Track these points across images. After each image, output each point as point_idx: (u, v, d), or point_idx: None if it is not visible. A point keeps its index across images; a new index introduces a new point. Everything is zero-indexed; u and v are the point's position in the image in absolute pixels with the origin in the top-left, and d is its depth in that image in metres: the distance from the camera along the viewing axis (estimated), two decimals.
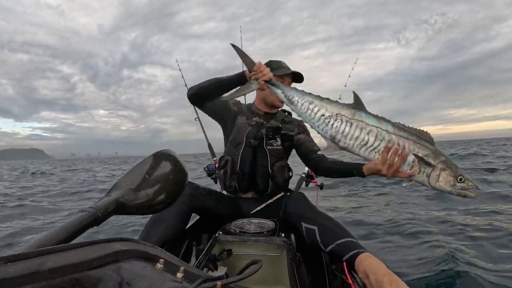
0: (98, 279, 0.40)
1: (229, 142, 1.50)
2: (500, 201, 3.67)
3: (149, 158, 0.84)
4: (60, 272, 0.37)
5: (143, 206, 0.71)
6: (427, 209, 3.44)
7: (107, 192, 0.69)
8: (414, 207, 3.66)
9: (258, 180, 1.45)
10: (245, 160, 1.44)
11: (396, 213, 3.37)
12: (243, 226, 1.23)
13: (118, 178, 0.75)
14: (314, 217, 1.19)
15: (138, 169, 0.79)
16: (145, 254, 0.48)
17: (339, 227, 1.14)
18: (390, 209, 3.66)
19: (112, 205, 0.64)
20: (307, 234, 1.17)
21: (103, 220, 0.61)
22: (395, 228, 2.80)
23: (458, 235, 2.46)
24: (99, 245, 0.45)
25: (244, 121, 1.49)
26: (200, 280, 0.44)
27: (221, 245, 1.14)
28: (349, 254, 1.00)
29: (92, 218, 0.58)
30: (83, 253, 0.41)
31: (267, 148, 1.44)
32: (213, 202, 1.41)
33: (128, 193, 0.69)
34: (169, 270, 0.47)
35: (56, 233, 0.50)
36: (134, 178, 0.75)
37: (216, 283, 0.43)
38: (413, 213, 3.30)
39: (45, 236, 0.49)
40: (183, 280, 0.46)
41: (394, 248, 2.30)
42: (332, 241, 1.07)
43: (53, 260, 0.37)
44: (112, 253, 0.44)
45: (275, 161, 1.46)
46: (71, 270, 0.38)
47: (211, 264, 1.05)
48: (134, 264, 0.46)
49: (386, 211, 3.55)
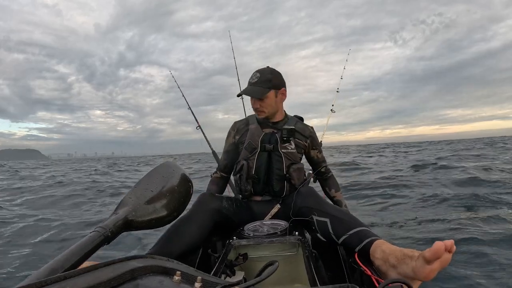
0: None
1: (243, 148, 1.52)
2: None
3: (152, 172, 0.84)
4: None
5: (151, 220, 0.72)
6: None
7: (114, 209, 0.69)
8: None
9: (273, 183, 1.47)
10: (260, 164, 1.47)
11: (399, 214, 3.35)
12: (256, 229, 1.23)
13: (124, 193, 0.76)
14: (325, 209, 1.18)
15: (143, 184, 0.79)
16: (161, 268, 0.48)
17: (351, 217, 1.14)
18: (395, 210, 3.64)
19: (120, 222, 0.64)
20: (319, 227, 1.16)
21: (113, 238, 0.62)
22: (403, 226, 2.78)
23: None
24: (114, 264, 0.45)
25: (257, 126, 1.53)
26: (218, 287, 0.43)
27: (236, 250, 1.14)
28: (363, 243, 0.99)
29: (102, 238, 0.58)
30: (100, 275, 0.41)
31: (282, 152, 1.46)
32: (232, 211, 1.42)
33: (135, 209, 0.69)
34: (187, 281, 0.47)
35: (69, 256, 0.50)
36: (140, 193, 0.75)
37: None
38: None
39: (58, 260, 0.49)
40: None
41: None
42: (345, 232, 1.07)
43: (71, 285, 0.37)
44: (128, 271, 0.44)
45: (291, 164, 1.48)
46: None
47: (228, 270, 1.04)
48: (151, 280, 0.46)
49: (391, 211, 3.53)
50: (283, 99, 1.54)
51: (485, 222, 2.74)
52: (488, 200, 3.60)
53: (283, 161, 1.46)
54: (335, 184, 1.68)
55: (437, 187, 4.90)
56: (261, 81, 1.45)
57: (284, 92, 1.52)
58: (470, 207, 3.40)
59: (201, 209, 1.27)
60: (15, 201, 5.62)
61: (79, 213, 4.43)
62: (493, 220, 2.78)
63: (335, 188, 1.66)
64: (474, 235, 2.38)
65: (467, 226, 2.64)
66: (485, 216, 2.90)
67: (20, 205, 5.24)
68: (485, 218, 2.83)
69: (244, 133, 1.56)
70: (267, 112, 1.49)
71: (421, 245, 2.34)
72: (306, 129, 1.57)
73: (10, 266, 2.34)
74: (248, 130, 1.54)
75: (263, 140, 1.48)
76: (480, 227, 2.60)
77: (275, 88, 1.47)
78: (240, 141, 1.56)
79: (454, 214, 3.16)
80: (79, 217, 4.02)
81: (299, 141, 1.53)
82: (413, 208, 3.63)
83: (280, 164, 1.46)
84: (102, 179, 9.61)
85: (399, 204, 3.92)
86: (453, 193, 4.11)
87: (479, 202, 3.55)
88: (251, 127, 1.54)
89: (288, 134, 1.45)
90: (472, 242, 2.25)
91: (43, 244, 2.91)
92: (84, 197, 5.97)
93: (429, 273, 0.76)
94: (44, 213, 4.35)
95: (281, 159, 1.46)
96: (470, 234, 2.41)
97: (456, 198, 3.78)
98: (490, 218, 2.83)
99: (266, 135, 1.49)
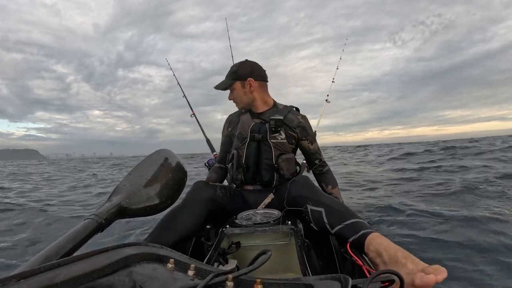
0: (111, 285, 0.41)
1: (235, 138, 1.54)
2: None
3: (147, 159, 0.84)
4: (72, 283, 0.37)
5: (146, 208, 0.72)
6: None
7: (108, 197, 0.69)
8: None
9: (262, 173, 1.48)
10: (250, 154, 1.49)
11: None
12: (249, 217, 1.24)
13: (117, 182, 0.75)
14: (320, 199, 1.18)
15: (137, 171, 0.79)
16: (155, 256, 0.49)
17: (346, 208, 1.14)
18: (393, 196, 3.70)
19: (114, 210, 0.64)
20: (313, 217, 1.16)
21: (107, 226, 0.62)
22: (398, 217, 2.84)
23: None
24: (108, 252, 0.45)
25: (248, 117, 1.55)
26: (211, 275, 0.44)
27: (229, 239, 1.15)
28: (358, 234, 1.00)
29: (96, 225, 0.58)
30: (94, 262, 0.41)
31: (271, 141, 1.47)
32: (226, 200, 1.42)
33: (129, 196, 0.69)
34: (180, 269, 0.47)
35: (63, 244, 0.50)
36: (134, 180, 0.75)
37: (228, 276, 0.44)
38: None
39: (52, 248, 0.49)
40: (195, 277, 0.46)
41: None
42: (340, 222, 1.07)
43: (65, 273, 0.37)
44: (122, 258, 0.44)
45: (280, 154, 1.48)
46: (83, 280, 0.38)
47: (221, 258, 1.05)
48: (145, 267, 0.46)
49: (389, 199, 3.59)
50: (252, 90, 1.51)
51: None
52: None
53: (272, 151, 1.47)
54: (332, 180, 1.65)
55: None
56: (229, 74, 1.55)
57: (251, 83, 1.50)
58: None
59: (195, 198, 1.28)
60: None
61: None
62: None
63: (332, 184, 1.64)
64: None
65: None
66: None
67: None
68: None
69: (236, 124, 1.58)
70: (240, 103, 1.55)
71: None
72: (295, 118, 1.55)
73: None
74: (239, 121, 1.56)
75: (252, 129, 1.49)
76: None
77: (240, 79, 1.50)
78: (232, 132, 1.59)
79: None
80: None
81: (288, 132, 1.53)
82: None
83: (269, 154, 1.47)
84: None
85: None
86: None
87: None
88: (243, 118, 1.56)
89: (276, 125, 1.45)
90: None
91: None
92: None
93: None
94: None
95: (270, 149, 1.47)
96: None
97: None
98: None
99: (256, 125, 1.50)
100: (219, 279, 0.44)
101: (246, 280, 0.45)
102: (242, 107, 1.57)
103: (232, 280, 0.43)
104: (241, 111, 1.62)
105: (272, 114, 1.52)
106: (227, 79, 1.54)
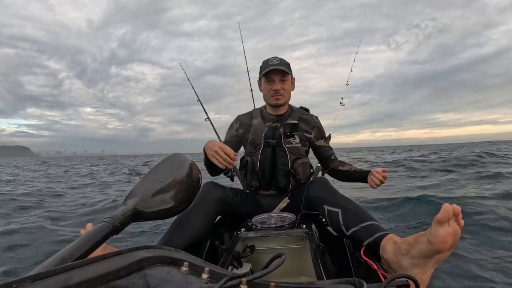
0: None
1: (248, 143, 1.52)
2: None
3: (162, 163, 0.85)
4: (87, 285, 0.37)
5: (160, 211, 0.72)
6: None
7: (123, 200, 0.70)
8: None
9: (278, 178, 1.46)
10: (264, 160, 1.46)
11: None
12: (264, 221, 1.23)
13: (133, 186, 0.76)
14: (337, 200, 1.17)
15: (152, 175, 0.80)
16: (169, 259, 0.49)
17: (362, 210, 1.13)
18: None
19: (129, 213, 0.65)
20: (329, 217, 1.15)
21: (122, 229, 0.63)
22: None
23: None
24: (123, 255, 0.45)
25: (260, 121, 1.53)
26: (225, 278, 0.43)
27: (243, 242, 1.15)
28: (374, 236, 0.98)
29: (111, 228, 0.59)
30: (108, 264, 0.41)
31: (286, 147, 1.45)
32: (238, 202, 1.42)
33: (144, 200, 0.70)
34: (194, 272, 0.47)
35: (78, 246, 0.51)
36: (149, 184, 0.76)
37: (242, 279, 0.43)
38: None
39: (67, 250, 0.50)
40: (209, 280, 0.46)
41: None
42: (356, 224, 1.06)
43: (79, 274, 0.38)
44: (136, 261, 0.44)
45: (296, 159, 1.47)
46: (97, 282, 0.38)
47: (235, 261, 1.05)
48: (159, 270, 0.46)
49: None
50: (293, 89, 1.56)
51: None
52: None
53: (287, 156, 1.45)
54: (346, 163, 1.59)
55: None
56: (284, 64, 1.47)
57: (294, 82, 1.56)
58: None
59: (205, 199, 1.29)
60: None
61: None
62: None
63: (348, 165, 1.58)
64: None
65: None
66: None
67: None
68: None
69: (248, 128, 1.56)
70: (286, 96, 1.50)
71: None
72: (311, 119, 1.56)
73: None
74: (251, 125, 1.54)
75: (266, 135, 1.46)
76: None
77: (291, 74, 1.51)
78: (243, 136, 1.57)
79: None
80: None
81: (303, 134, 1.51)
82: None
83: (285, 159, 1.45)
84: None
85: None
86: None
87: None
88: (255, 122, 1.53)
89: (291, 129, 1.43)
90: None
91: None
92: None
93: (445, 237, 0.72)
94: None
95: (285, 154, 1.45)
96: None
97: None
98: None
99: (269, 130, 1.48)
100: (233, 283, 0.43)
101: (260, 283, 0.45)
102: (284, 102, 1.51)
103: (246, 284, 0.43)
104: (251, 113, 1.61)
105: (289, 117, 1.52)
106: (285, 67, 1.45)
